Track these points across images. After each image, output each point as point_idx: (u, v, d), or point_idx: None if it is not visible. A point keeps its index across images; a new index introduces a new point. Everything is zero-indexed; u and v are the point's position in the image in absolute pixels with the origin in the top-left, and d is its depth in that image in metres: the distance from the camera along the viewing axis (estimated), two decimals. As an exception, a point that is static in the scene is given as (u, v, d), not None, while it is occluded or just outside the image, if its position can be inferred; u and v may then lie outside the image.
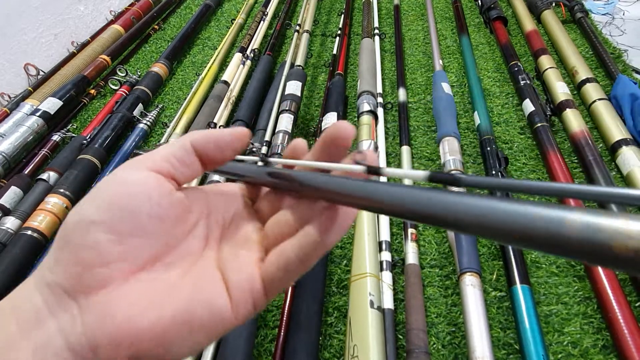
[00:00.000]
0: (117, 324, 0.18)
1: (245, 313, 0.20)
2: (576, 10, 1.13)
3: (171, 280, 0.19)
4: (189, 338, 0.19)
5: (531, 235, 0.13)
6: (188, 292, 0.19)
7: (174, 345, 0.18)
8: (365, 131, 0.80)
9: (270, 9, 1.32)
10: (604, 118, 0.81)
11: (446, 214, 0.15)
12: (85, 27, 1.34)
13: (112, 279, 0.18)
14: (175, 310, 0.18)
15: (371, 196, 0.18)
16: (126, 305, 0.18)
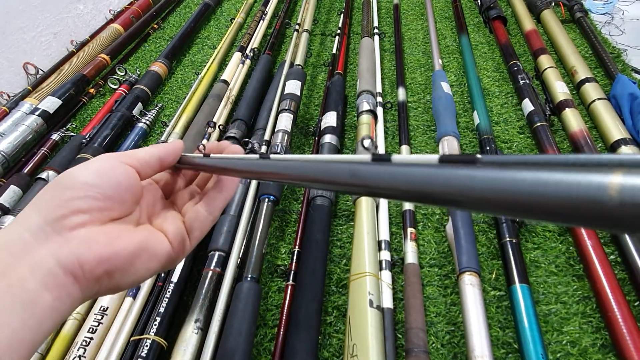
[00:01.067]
0: (100, 245, 0.24)
1: (179, 249, 0.29)
2: (575, 9, 1.13)
3: (132, 226, 0.28)
4: (145, 262, 0.27)
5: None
6: (145, 232, 0.28)
7: (135, 265, 0.26)
8: (364, 130, 0.80)
9: (270, 8, 1.32)
10: (603, 118, 0.81)
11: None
12: (85, 26, 1.34)
13: (90, 222, 0.25)
14: (139, 239, 0.27)
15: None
16: (105, 234, 0.25)
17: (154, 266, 0.27)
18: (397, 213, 0.72)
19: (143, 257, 0.27)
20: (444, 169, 0.16)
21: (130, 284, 0.27)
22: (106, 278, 0.25)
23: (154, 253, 0.27)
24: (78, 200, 0.25)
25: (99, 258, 0.24)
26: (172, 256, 0.29)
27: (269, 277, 0.66)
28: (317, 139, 0.83)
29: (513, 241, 0.62)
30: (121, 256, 0.25)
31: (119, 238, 0.26)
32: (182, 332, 0.54)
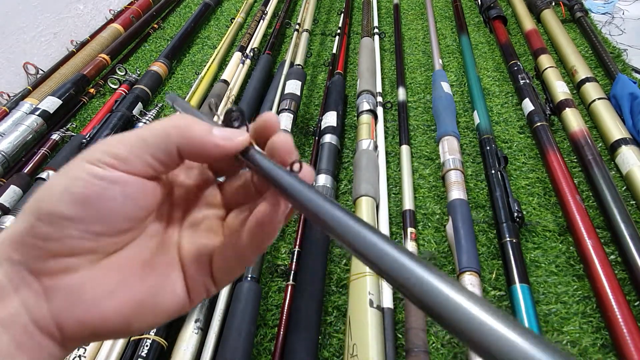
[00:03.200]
0: (83, 308, 0.19)
1: (199, 300, 0.22)
2: (576, 9, 1.13)
3: (137, 265, 0.20)
4: (150, 319, 0.20)
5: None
6: (154, 281, 0.21)
7: (136, 324, 0.20)
8: (364, 130, 0.80)
9: (270, 8, 1.32)
10: (603, 117, 0.81)
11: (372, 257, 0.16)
12: (85, 26, 1.34)
13: (79, 266, 0.19)
14: (141, 297, 0.20)
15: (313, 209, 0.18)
16: (93, 289, 0.19)
17: (161, 320, 0.21)
18: (397, 213, 0.72)
19: (146, 316, 0.20)
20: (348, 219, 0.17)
21: (125, 337, 0.21)
22: (95, 339, 0.20)
23: (162, 310, 0.21)
24: (56, 243, 0.18)
25: (81, 323, 0.19)
26: (189, 307, 0.22)
27: (269, 277, 0.66)
28: (317, 138, 0.83)
29: (513, 241, 0.62)
30: (112, 321, 0.19)
31: (114, 291, 0.19)
32: (182, 332, 0.54)
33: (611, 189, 0.66)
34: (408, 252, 0.16)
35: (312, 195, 0.18)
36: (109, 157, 0.19)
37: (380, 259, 0.16)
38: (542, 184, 0.75)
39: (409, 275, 0.15)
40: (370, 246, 0.16)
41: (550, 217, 0.69)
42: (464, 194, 0.69)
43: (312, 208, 0.18)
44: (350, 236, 0.17)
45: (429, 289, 0.14)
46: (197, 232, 0.23)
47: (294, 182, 0.19)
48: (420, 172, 0.80)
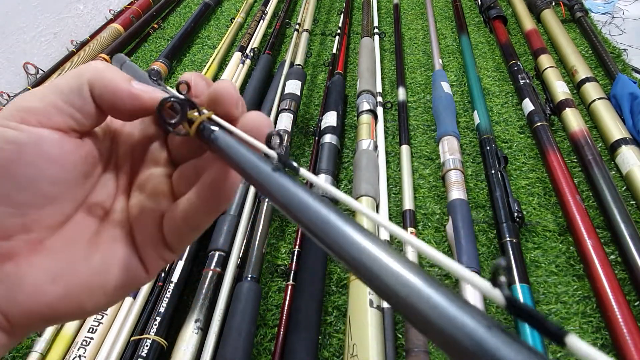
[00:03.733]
0: (26, 297, 0.17)
1: (157, 268, 0.20)
2: (576, 9, 1.13)
3: (82, 242, 0.19)
4: (103, 298, 0.19)
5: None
6: (100, 257, 0.19)
7: (89, 305, 0.18)
8: (364, 130, 0.80)
9: (270, 8, 1.32)
10: (603, 117, 0.81)
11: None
12: (85, 26, 1.34)
13: (17, 250, 0.17)
14: (88, 276, 0.18)
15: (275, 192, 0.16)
16: (33, 276, 0.17)
17: (117, 297, 0.19)
18: (397, 213, 0.72)
19: (98, 296, 0.18)
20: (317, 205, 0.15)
21: (88, 316, 0.20)
22: (46, 324, 0.18)
23: (115, 286, 0.19)
24: (9, 218, 0.17)
25: (27, 312, 0.17)
26: (147, 278, 0.20)
27: (269, 277, 0.66)
28: (317, 138, 0.83)
29: (513, 241, 0.62)
30: (61, 307, 0.18)
31: (58, 276, 0.17)
32: (182, 332, 0.54)
33: (611, 189, 0.66)
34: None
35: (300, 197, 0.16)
36: (19, 112, 0.17)
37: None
38: (542, 184, 0.75)
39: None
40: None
41: (550, 217, 0.69)
42: (464, 193, 0.69)
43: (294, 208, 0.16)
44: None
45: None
46: (144, 194, 0.20)
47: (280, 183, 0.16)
48: (420, 172, 0.80)
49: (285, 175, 0.16)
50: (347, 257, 0.13)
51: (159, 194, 0.20)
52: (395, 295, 0.12)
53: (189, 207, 0.19)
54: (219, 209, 0.19)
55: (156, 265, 0.20)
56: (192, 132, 0.18)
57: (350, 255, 0.13)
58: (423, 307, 0.11)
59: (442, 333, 0.11)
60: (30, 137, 0.17)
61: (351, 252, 0.13)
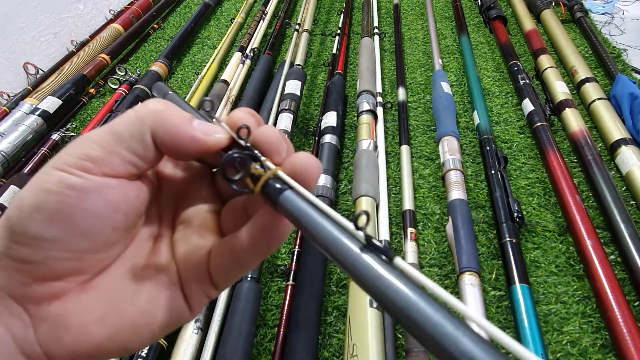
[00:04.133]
0: (72, 337, 0.17)
1: (200, 306, 0.20)
2: (576, 9, 1.13)
3: (128, 282, 0.18)
4: (148, 337, 0.18)
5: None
6: (147, 298, 0.18)
7: (133, 344, 0.18)
8: (364, 130, 0.80)
9: (270, 8, 1.32)
10: (603, 117, 0.81)
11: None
12: (85, 26, 1.34)
13: (66, 290, 0.17)
14: (134, 318, 0.18)
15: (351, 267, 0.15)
16: (81, 317, 0.17)
17: (160, 336, 0.19)
18: (397, 213, 0.72)
19: (142, 336, 0.18)
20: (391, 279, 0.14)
21: (124, 355, 0.19)
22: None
23: (159, 326, 0.19)
24: (38, 266, 0.16)
25: (72, 353, 0.17)
26: (188, 318, 0.20)
27: (269, 277, 0.66)
28: (317, 138, 0.83)
29: (513, 241, 0.62)
30: (106, 347, 0.17)
31: (102, 319, 0.17)
32: (182, 332, 0.54)
33: (611, 189, 0.66)
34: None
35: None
36: (81, 160, 0.16)
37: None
38: (542, 184, 0.75)
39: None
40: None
41: (550, 217, 0.69)
42: (464, 194, 0.69)
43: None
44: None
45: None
46: (190, 230, 0.20)
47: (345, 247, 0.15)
48: (420, 172, 0.80)
49: (376, 258, 0.15)
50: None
51: (206, 230, 0.20)
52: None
53: (239, 247, 0.18)
54: (270, 251, 0.19)
55: (199, 303, 0.20)
56: (256, 191, 0.17)
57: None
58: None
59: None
60: (94, 185, 0.16)
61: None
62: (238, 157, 0.17)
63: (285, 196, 0.16)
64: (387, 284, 0.14)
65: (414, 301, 0.14)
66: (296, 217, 0.16)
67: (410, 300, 0.14)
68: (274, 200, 0.17)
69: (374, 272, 0.14)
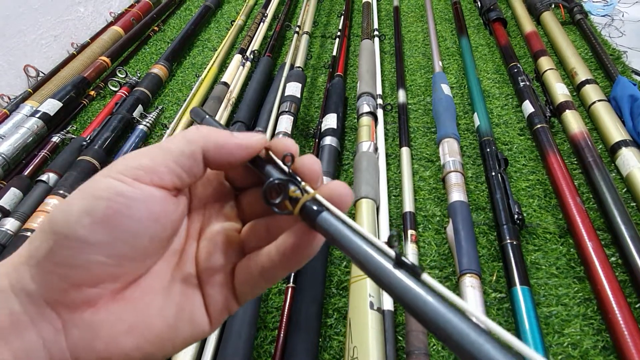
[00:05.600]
0: (102, 345, 0.17)
1: (220, 321, 0.22)
2: (575, 11, 1.13)
3: (159, 297, 0.19)
4: (171, 350, 0.19)
5: None
6: (173, 312, 0.19)
7: (158, 356, 0.19)
8: (365, 132, 0.80)
9: (270, 10, 1.32)
10: (603, 119, 0.81)
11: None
12: (85, 29, 1.34)
13: (100, 298, 0.18)
14: (161, 330, 0.19)
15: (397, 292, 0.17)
16: (112, 325, 0.18)
17: (181, 349, 0.20)
18: (398, 215, 0.72)
19: (165, 348, 0.19)
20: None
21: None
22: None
23: (184, 338, 0.20)
24: (77, 270, 0.17)
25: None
26: (209, 332, 0.21)
27: (269, 279, 0.66)
28: (317, 141, 0.83)
29: (514, 243, 0.62)
30: (135, 352, 0.18)
31: (132, 329, 0.18)
32: (182, 335, 0.54)
33: (611, 191, 0.66)
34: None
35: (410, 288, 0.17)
36: (133, 169, 0.18)
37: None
38: (542, 186, 0.75)
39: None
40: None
41: (550, 219, 0.69)
42: (464, 196, 0.69)
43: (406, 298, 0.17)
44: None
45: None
46: (214, 246, 0.21)
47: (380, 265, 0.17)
48: (421, 174, 0.80)
49: (408, 275, 0.17)
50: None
51: (229, 247, 0.21)
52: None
53: (268, 262, 0.20)
54: (299, 266, 0.20)
55: (220, 317, 0.21)
56: (295, 212, 0.19)
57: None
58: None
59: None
60: (141, 194, 0.18)
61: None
62: (279, 183, 0.19)
63: (323, 217, 0.18)
64: (415, 295, 0.16)
65: (442, 312, 0.16)
66: (333, 236, 0.18)
67: (438, 312, 0.16)
68: (312, 221, 0.19)
69: (403, 284, 0.17)
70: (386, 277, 0.17)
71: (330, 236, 0.18)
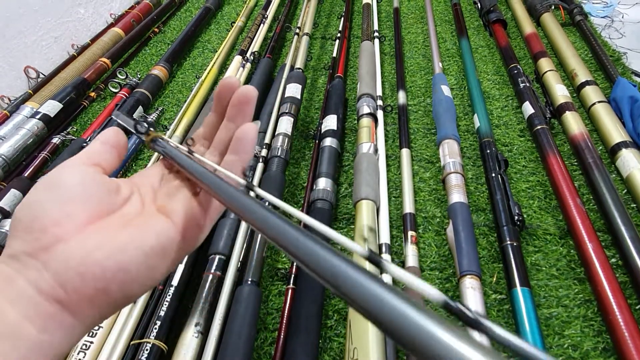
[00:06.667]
0: (77, 259, 0.21)
1: (192, 233, 0.25)
2: (575, 13, 1.14)
3: (119, 225, 0.23)
4: (144, 262, 0.22)
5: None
6: (134, 227, 0.23)
7: (133, 271, 0.22)
8: (365, 134, 0.80)
9: (270, 11, 1.32)
10: (603, 120, 0.81)
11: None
12: (86, 30, 1.35)
13: (65, 233, 0.21)
14: (126, 241, 0.22)
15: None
16: (82, 245, 0.21)
17: (159, 264, 0.23)
18: (398, 216, 0.72)
19: (139, 258, 0.22)
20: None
21: (139, 292, 0.22)
22: (102, 295, 0.21)
23: (154, 247, 0.23)
24: (38, 220, 0.21)
25: (80, 274, 0.20)
26: (182, 243, 0.25)
27: (269, 280, 0.66)
28: (317, 142, 0.83)
29: (514, 244, 0.62)
30: (107, 266, 0.21)
31: (101, 243, 0.21)
32: (182, 336, 0.54)
33: (612, 192, 0.66)
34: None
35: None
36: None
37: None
38: (542, 187, 0.75)
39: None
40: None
41: (551, 220, 0.69)
42: (464, 197, 0.69)
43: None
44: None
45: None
46: (170, 191, 0.27)
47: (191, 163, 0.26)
48: (421, 175, 0.80)
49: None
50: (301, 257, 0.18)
51: (183, 187, 0.27)
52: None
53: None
54: (248, 158, 0.28)
55: (192, 232, 0.25)
56: (147, 139, 0.31)
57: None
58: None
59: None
60: (67, 168, 0.24)
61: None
62: (137, 122, 0.31)
63: (158, 142, 0.30)
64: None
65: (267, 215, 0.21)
66: (168, 154, 0.29)
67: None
68: (153, 144, 0.30)
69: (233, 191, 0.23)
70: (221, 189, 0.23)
71: (168, 155, 0.28)
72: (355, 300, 0.15)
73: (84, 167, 0.24)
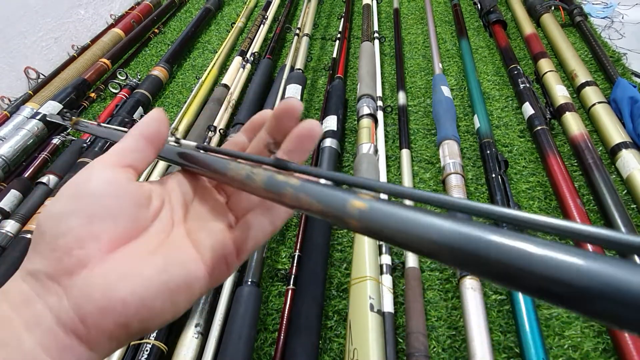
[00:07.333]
0: (100, 293, 0.19)
1: (219, 272, 0.23)
2: (575, 13, 1.14)
3: (145, 252, 0.21)
4: (169, 299, 0.20)
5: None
6: (162, 258, 0.21)
7: (156, 307, 0.20)
8: (365, 134, 0.80)
9: (270, 12, 1.32)
10: (603, 121, 0.81)
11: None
12: (86, 31, 1.35)
13: (90, 258, 0.20)
14: (152, 274, 0.20)
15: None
16: (106, 276, 0.20)
17: (183, 299, 0.21)
18: (398, 217, 0.72)
19: (164, 295, 0.20)
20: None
21: (159, 325, 0.21)
22: (121, 330, 0.20)
23: (180, 285, 0.21)
24: (63, 237, 0.20)
25: (101, 309, 0.19)
26: (209, 280, 0.22)
27: (269, 281, 0.66)
28: (317, 142, 0.83)
29: (514, 245, 0.62)
30: (130, 302, 0.19)
31: (126, 275, 0.20)
32: (182, 337, 0.54)
33: (612, 193, 0.66)
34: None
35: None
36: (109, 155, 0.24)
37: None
38: (542, 188, 0.75)
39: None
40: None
41: (551, 221, 0.69)
42: (464, 197, 0.69)
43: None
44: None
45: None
46: (203, 215, 0.24)
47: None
48: (421, 176, 0.80)
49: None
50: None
51: (218, 213, 0.25)
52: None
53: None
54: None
55: (219, 270, 0.23)
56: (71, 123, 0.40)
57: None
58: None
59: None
60: (97, 171, 0.22)
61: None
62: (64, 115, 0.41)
63: (79, 122, 0.42)
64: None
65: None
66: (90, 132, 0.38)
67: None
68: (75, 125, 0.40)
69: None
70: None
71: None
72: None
73: (115, 172, 0.22)
